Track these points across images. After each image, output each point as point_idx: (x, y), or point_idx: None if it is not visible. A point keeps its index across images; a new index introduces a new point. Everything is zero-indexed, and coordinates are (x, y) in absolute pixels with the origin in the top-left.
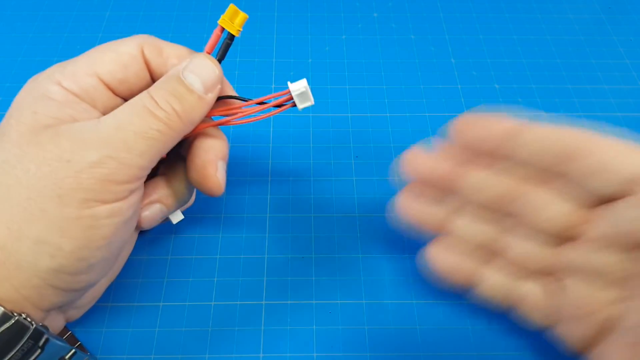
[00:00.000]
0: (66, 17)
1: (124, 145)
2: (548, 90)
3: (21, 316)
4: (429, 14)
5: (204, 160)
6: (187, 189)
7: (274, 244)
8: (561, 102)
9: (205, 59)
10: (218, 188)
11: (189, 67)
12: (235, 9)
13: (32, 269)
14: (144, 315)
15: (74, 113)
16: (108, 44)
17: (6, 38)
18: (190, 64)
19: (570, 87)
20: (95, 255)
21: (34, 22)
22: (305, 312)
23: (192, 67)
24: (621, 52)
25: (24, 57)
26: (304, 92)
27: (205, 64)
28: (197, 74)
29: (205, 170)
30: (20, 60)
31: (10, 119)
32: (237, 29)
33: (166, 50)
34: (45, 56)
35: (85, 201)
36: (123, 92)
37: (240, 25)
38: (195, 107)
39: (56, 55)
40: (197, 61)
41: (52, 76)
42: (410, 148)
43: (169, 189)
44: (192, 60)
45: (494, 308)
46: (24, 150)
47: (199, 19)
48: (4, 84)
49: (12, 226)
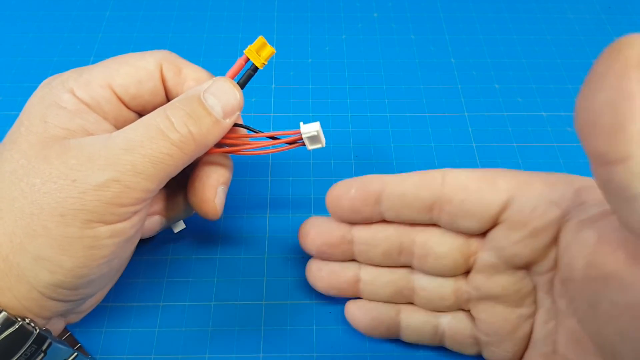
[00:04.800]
0: (66, 17)
1: (131, 168)
2: (548, 90)
3: (25, 321)
4: (429, 14)
5: (204, 184)
6: (187, 204)
7: (274, 244)
8: (561, 102)
9: (228, 83)
10: (214, 213)
11: (211, 90)
12: (263, 42)
13: (32, 283)
14: (144, 315)
15: (85, 124)
16: (127, 57)
17: (6, 38)
18: (212, 87)
19: (570, 87)
20: (95, 272)
21: (34, 22)
22: (305, 312)
23: (214, 90)
24: None
25: (24, 57)
26: (315, 136)
27: (228, 89)
28: (218, 97)
29: (204, 194)
30: (20, 60)
31: (20, 126)
32: (263, 62)
33: (185, 71)
34: (45, 56)
35: (88, 222)
36: (136, 107)
37: (266, 59)
38: (211, 131)
39: (56, 55)
40: (220, 84)
41: (66, 83)
42: (305, 221)
43: (170, 203)
44: (214, 83)
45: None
46: (32, 163)
47: (199, 19)
48: (3, 84)
49: (15, 239)
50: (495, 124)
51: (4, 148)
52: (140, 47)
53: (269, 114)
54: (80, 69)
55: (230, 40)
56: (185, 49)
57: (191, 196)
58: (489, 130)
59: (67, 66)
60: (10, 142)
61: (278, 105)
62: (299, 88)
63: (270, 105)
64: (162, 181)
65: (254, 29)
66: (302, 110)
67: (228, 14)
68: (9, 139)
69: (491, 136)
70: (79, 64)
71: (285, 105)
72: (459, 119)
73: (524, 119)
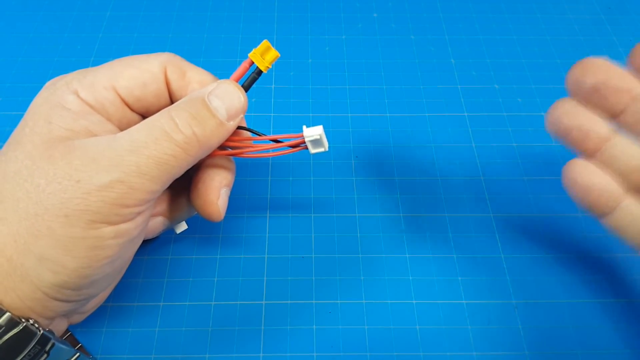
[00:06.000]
0: (66, 17)
1: (136, 169)
2: (548, 90)
3: (28, 322)
4: (429, 14)
5: (207, 186)
6: (190, 205)
7: (274, 244)
8: None
9: (232, 86)
10: (217, 215)
11: (215, 92)
12: (268, 46)
13: (36, 283)
14: (144, 315)
15: (89, 125)
16: (132, 59)
17: (6, 38)
18: (216, 89)
19: None
20: (99, 273)
21: (34, 22)
22: (305, 312)
23: (218, 92)
24: (621, 52)
25: (24, 57)
26: (318, 140)
27: (232, 91)
28: (222, 99)
29: (208, 196)
30: (20, 60)
31: (25, 127)
32: (267, 65)
33: (189, 74)
34: (45, 56)
35: (92, 222)
36: (140, 109)
37: (271, 62)
38: (215, 133)
39: (56, 55)
40: (224, 87)
41: (70, 84)
42: (594, 57)
43: (173, 204)
44: (218, 86)
45: (622, 241)
46: (36, 164)
47: (199, 19)
48: (4, 84)
49: (19, 239)
50: (495, 124)
51: (8, 149)
52: (140, 47)
53: (269, 114)
54: (85, 70)
55: (230, 40)
56: (185, 49)
57: (194, 198)
58: (489, 130)
59: (68, 66)
60: (14, 142)
61: (278, 105)
62: (299, 88)
63: (270, 106)
64: (166, 182)
65: (254, 29)
66: (302, 111)
67: (228, 14)
68: (13, 140)
69: (491, 136)
70: (80, 64)
71: (285, 106)
72: (459, 119)
73: (524, 119)
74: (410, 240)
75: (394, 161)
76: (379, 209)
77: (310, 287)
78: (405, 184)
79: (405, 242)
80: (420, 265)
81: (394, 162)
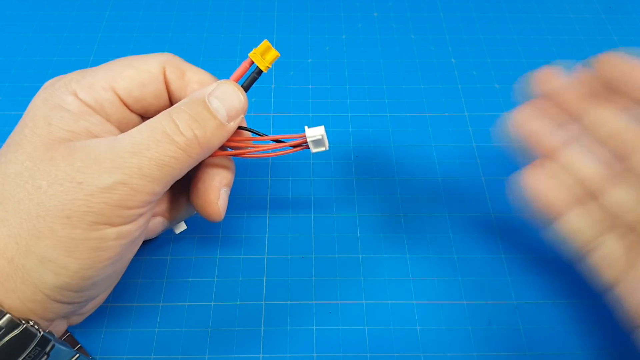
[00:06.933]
0: (66, 17)
1: (138, 171)
2: None
3: (29, 323)
4: (429, 14)
5: (207, 186)
6: (190, 205)
7: (274, 244)
8: None
9: (232, 87)
10: (217, 215)
11: (215, 93)
12: (268, 45)
13: (37, 284)
14: (143, 315)
15: (89, 126)
16: (130, 59)
17: (6, 38)
18: (216, 90)
19: None
20: (100, 274)
21: (34, 22)
22: (305, 312)
23: (218, 93)
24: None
25: (24, 57)
26: (319, 140)
27: (232, 92)
28: (222, 100)
29: (208, 196)
30: (20, 60)
31: (24, 128)
32: (267, 65)
33: (188, 74)
34: (45, 56)
35: (94, 224)
36: (139, 110)
37: (271, 62)
38: (216, 134)
39: (56, 55)
40: (224, 88)
41: (69, 85)
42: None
43: (172, 204)
44: (218, 86)
45: (567, 251)
46: (37, 165)
47: (199, 19)
48: (3, 84)
49: (20, 241)
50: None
51: (7, 150)
52: (140, 47)
53: (269, 114)
54: (83, 71)
55: (230, 40)
56: (185, 49)
57: (194, 198)
58: (489, 130)
59: (67, 66)
60: (14, 144)
61: (278, 105)
62: (299, 88)
63: (270, 105)
64: (168, 184)
65: (254, 29)
66: (302, 110)
67: (228, 14)
68: (13, 141)
69: (491, 136)
70: (79, 64)
71: (285, 105)
72: (459, 119)
73: None
74: (410, 240)
75: (394, 161)
76: (379, 209)
77: (310, 288)
78: (405, 184)
79: (405, 242)
80: (420, 265)
81: (394, 162)
